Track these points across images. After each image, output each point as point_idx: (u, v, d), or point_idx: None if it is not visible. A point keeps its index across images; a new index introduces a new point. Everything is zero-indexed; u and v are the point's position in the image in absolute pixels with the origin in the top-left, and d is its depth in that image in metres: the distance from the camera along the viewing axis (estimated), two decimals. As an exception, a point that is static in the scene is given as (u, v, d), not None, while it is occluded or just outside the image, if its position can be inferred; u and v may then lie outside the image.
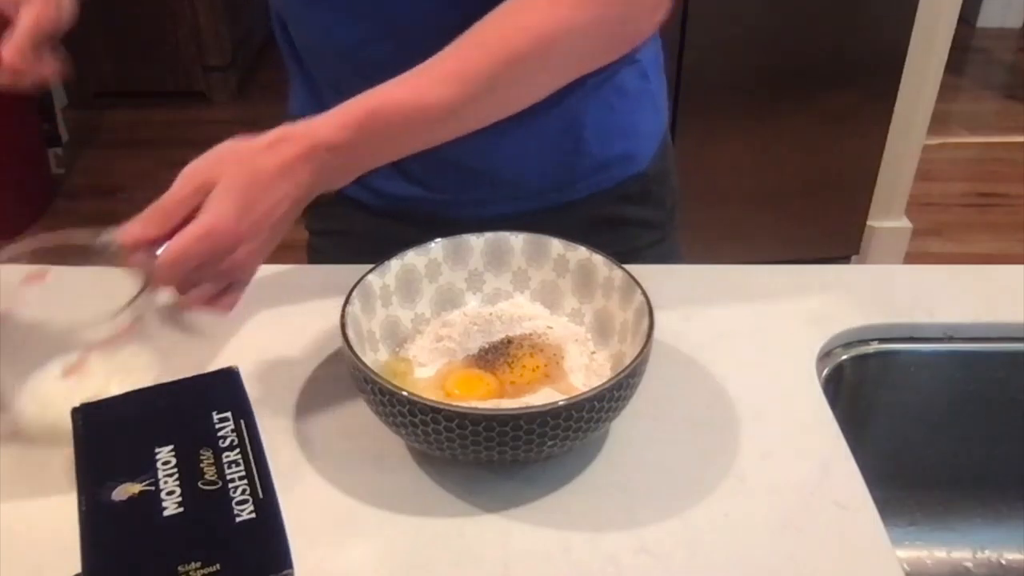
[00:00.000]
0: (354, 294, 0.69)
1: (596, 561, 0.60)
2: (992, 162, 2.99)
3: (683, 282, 0.85)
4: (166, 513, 0.59)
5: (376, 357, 0.71)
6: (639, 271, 0.71)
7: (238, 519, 0.59)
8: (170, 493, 0.60)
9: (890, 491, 0.73)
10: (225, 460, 0.63)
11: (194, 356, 0.75)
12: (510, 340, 0.73)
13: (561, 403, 0.59)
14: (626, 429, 0.70)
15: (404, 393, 0.59)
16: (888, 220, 2.43)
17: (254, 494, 0.60)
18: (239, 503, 0.60)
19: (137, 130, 3.11)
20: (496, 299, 0.77)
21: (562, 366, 0.71)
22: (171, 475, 0.62)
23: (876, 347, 0.82)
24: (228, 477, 0.61)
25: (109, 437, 0.65)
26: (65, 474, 0.63)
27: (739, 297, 0.84)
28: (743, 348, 0.78)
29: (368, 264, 0.72)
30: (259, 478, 0.62)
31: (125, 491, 0.60)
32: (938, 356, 0.83)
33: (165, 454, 0.63)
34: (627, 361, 0.63)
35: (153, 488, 0.61)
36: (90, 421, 0.67)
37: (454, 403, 0.62)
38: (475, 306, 0.77)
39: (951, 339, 0.82)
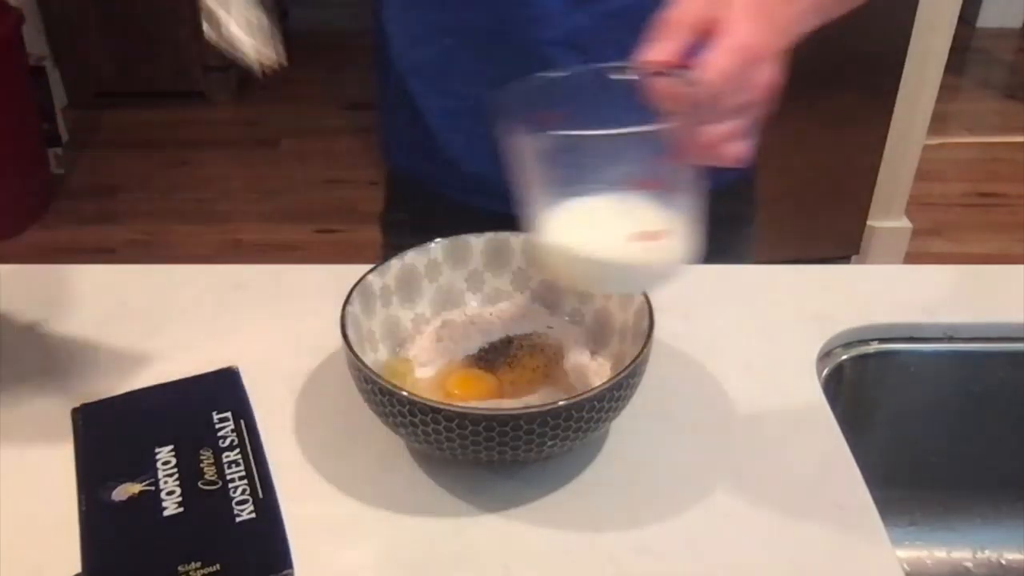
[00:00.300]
0: (354, 294, 0.69)
1: (596, 561, 0.60)
2: (992, 162, 2.99)
3: (683, 282, 0.85)
4: (166, 513, 0.59)
5: (376, 357, 0.71)
6: (639, 271, 0.70)
7: (238, 519, 0.59)
8: (170, 493, 0.60)
9: (890, 491, 0.72)
10: (225, 460, 0.63)
11: (194, 356, 0.75)
12: (510, 340, 0.73)
13: (561, 403, 0.59)
14: (626, 429, 0.70)
15: (404, 393, 0.59)
16: (888, 220, 2.43)
17: (254, 494, 0.60)
18: (239, 503, 0.60)
19: (137, 130, 3.10)
20: (496, 299, 0.77)
21: (562, 366, 0.71)
22: (171, 475, 0.62)
23: (876, 347, 0.82)
24: (228, 477, 0.61)
25: (109, 437, 0.65)
26: (65, 474, 0.63)
27: (739, 297, 0.84)
28: (743, 348, 0.78)
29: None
30: (259, 478, 0.62)
31: (125, 491, 0.60)
32: (938, 356, 0.83)
33: (165, 454, 0.63)
34: (627, 361, 0.63)
35: (153, 488, 0.61)
36: (90, 421, 0.67)
37: (454, 403, 0.62)
38: (475, 306, 0.77)
39: (951, 339, 0.82)
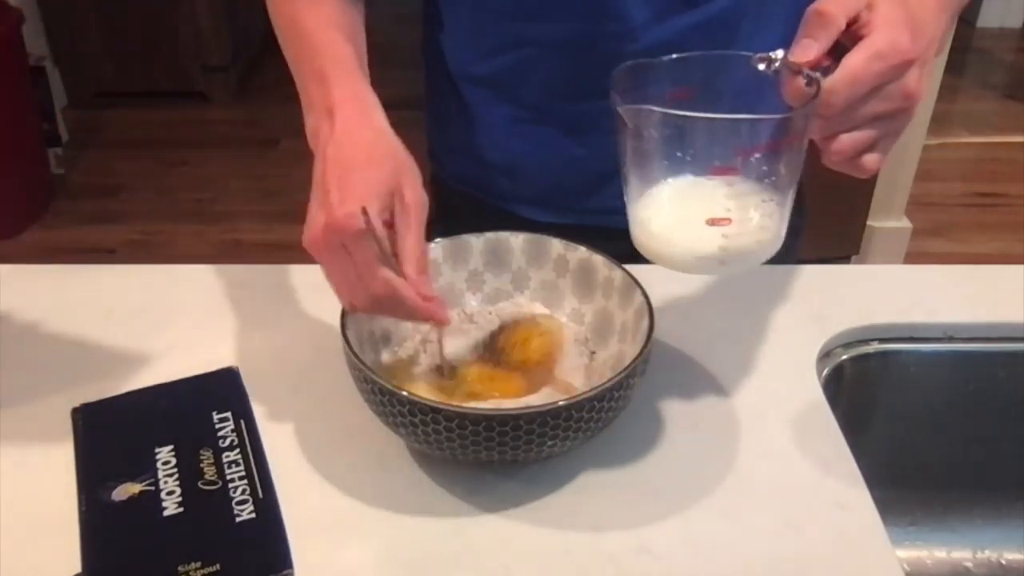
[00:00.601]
0: (354, 294, 0.69)
1: (596, 561, 0.60)
2: (992, 162, 2.99)
3: (683, 282, 0.85)
4: (166, 513, 0.59)
5: (376, 357, 0.71)
6: (639, 271, 0.71)
7: (238, 519, 0.59)
8: (170, 493, 0.60)
9: (890, 491, 0.72)
10: (225, 460, 0.63)
11: (194, 356, 0.75)
12: (516, 322, 0.74)
13: (561, 403, 0.59)
14: (626, 429, 0.70)
15: (404, 393, 0.59)
16: (888, 220, 2.43)
17: (254, 494, 0.60)
18: (239, 503, 0.60)
19: (137, 130, 3.10)
20: (496, 299, 0.77)
21: (563, 366, 0.71)
22: (171, 475, 0.62)
23: (876, 347, 0.82)
24: (228, 477, 0.61)
25: (109, 437, 0.65)
26: (65, 474, 0.63)
27: (739, 297, 0.84)
28: (743, 348, 0.78)
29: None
30: (259, 478, 0.62)
31: (125, 491, 0.61)
32: (938, 356, 0.83)
33: (165, 454, 0.63)
34: (627, 361, 0.63)
35: (153, 488, 0.61)
36: (90, 421, 0.67)
37: (454, 403, 0.62)
38: (475, 306, 0.77)
39: (951, 339, 0.82)
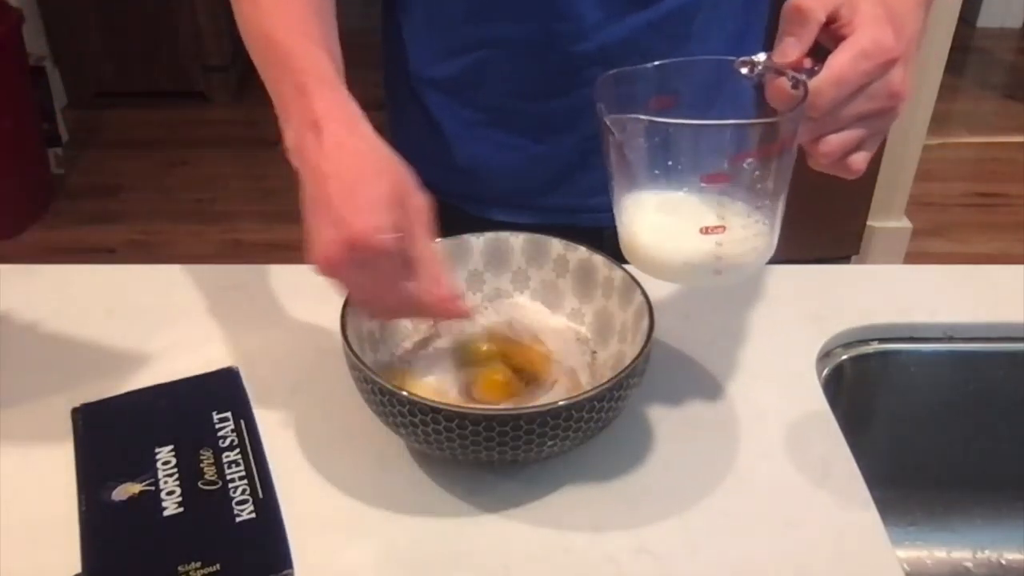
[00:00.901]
0: (354, 294, 0.69)
1: (596, 561, 0.60)
2: (992, 162, 2.99)
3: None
4: (166, 513, 0.59)
5: (376, 357, 0.71)
6: (638, 271, 0.70)
7: (238, 519, 0.59)
8: (170, 493, 0.60)
9: (890, 491, 0.72)
10: (225, 460, 0.63)
11: (194, 356, 0.75)
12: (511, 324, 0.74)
13: (561, 403, 0.59)
14: (626, 429, 0.70)
15: (404, 393, 0.59)
16: (888, 220, 2.43)
17: (254, 494, 0.60)
18: (239, 503, 0.60)
19: (137, 130, 3.10)
20: (496, 299, 0.77)
21: (562, 365, 0.71)
22: (171, 475, 0.62)
23: (876, 347, 0.82)
24: (228, 477, 0.62)
25: (109, 437, 0.65)
26: (65, 474, 0.63)
27: (739, 297, 0.84)
28: (743, 348, 0.78)
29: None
30: (259, 478, 0.62)
31: (125, 491, 0.61)
32: (938, 356, 0.83)
33: (165, 454, 0.63)
34: (627, 361, 0.63)
35: (153, 488, 0.61)
36: (90, 421, 0.67)
37: (454, 403, 0.62)
38: (475, 306, 0.77)
39: (951, 339, 0.82)
